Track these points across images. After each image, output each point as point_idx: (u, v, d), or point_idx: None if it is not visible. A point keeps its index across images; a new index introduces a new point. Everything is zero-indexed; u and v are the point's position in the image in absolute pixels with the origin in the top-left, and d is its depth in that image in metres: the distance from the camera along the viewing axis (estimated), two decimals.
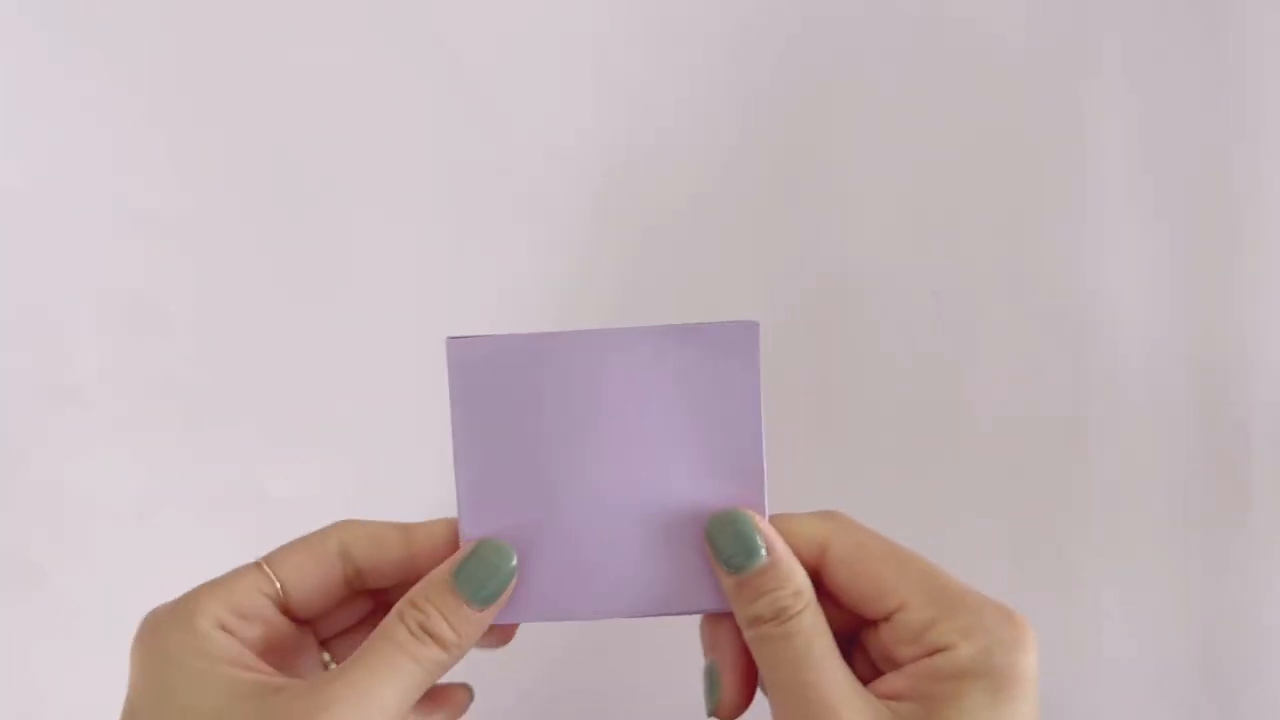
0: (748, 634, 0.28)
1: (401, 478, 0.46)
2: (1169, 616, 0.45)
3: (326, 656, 0.31)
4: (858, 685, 0.26)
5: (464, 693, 0.31)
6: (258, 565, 0.29)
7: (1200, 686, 0.45)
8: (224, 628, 0.28)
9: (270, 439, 0.46)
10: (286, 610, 0.29)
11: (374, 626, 0.28)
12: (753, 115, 0.46)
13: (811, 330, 0.45)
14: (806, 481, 0.42)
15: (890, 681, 0.27)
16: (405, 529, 0.29)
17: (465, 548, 0.28)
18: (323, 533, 0.29)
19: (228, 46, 0.44)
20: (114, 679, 0.45)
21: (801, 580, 0.27)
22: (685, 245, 0.46)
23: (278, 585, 0.29)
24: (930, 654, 0.26)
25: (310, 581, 0.29)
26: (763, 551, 0.27)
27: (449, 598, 0.27)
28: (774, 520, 0.28)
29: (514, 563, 0.28)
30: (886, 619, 0.27)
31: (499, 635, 0.30)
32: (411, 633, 0.27)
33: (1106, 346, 0.45)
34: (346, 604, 0.30)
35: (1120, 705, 0.44)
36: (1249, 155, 0.46)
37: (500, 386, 0.32)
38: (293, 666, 0.29)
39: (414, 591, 0.28)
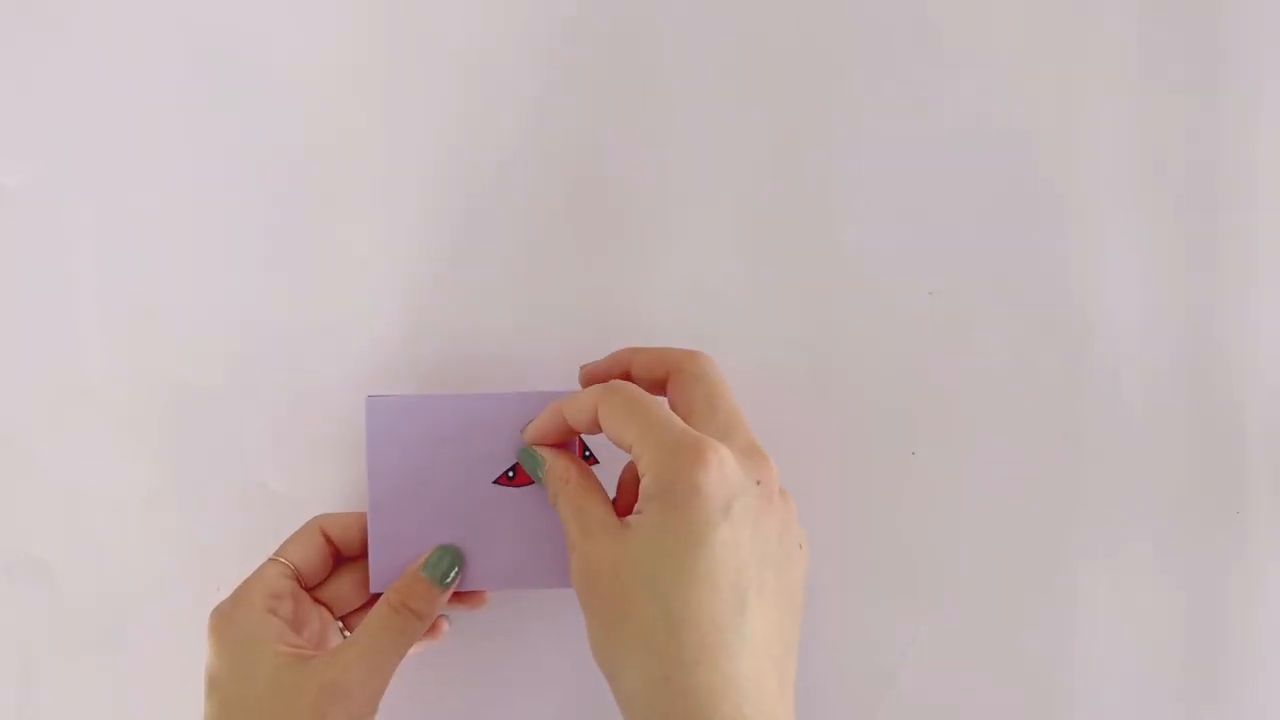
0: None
1: None
2: (1164, 616, 0.45)
3: (346, 632, 0.43)
4: (608, 516, 0.36)
5: (443, 622, 0.43)
6: (272, 558, 0.40)
7: (1196, 686, 0.45)
8: (270, 611, 0.39)
9: (275, 437, 0.46)
10: (300, 582, 0.40)
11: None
12: (748, 113, 0.46)
13: (806, 330, 0.46)
14: (805, 480, 0.42)
15: (636, 507, 0.36)
16: (361, 515, 0.41)
17: (427, 552, 0.40)
18: (306, 524, 0.42)
19: None
20: (117, 675, 0.46)
21: (563, 470, 0.38)
22: (681, 243, 0.46)
23: (291, 566, 0.40)
24: (639, 482, 0.35)
25: (310, 557, 0.41)
26: (541, 468, 0.39)
27: (418, 584, 0.39)
28: (561, 401, 0.38)
29: (460, 556, 0.40)
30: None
31: (470, 601, 0.43)
32: (394, 608, 0.38)
33: (1101, 347, 0.46)
34: (344, 575, 0.42)
35: (1114, 704, 0.44)
36: (1244, 156, 0.46)
37: (410, 437, 0.41)
38: (322, 641, 0.41)
39: (397, 583, 0.39)
